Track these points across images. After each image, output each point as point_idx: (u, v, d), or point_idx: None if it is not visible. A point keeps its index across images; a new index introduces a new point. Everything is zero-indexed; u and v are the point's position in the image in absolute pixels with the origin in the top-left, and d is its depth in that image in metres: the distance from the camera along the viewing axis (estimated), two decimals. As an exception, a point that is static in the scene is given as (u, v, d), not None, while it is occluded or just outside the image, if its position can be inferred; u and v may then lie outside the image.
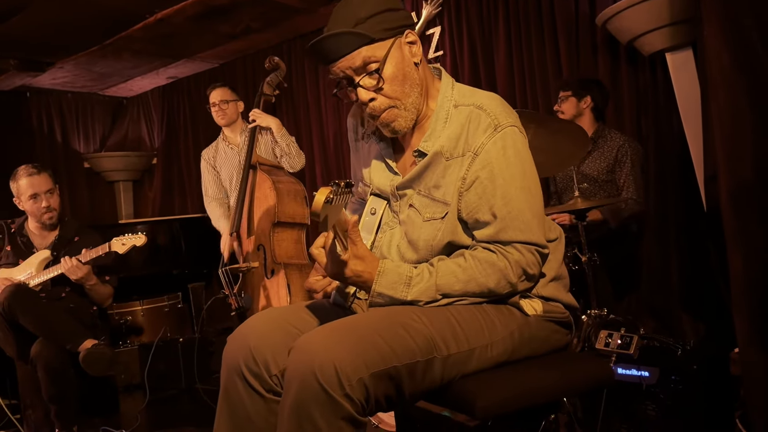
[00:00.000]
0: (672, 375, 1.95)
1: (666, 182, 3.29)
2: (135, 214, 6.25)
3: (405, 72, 1.47)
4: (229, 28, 4.42)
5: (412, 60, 1.49)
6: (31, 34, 4.20)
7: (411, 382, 1.33)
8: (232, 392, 1.52)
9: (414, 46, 1.49)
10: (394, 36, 1.46)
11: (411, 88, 1.49)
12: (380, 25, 1.43)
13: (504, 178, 1.43)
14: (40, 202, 3.15)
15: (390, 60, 1.45)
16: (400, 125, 1.52)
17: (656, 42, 2.96)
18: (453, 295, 1.42)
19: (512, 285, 1.42)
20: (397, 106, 1.49)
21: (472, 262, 1.42)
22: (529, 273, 1.42)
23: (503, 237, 1.42)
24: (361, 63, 1.45)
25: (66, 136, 6.00)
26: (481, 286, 1.41)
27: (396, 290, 1.42)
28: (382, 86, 1.47)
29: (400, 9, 1.49)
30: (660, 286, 3.30)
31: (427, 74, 1.55)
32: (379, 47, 1.44)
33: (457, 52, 4.02)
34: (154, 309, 4.76)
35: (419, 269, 1.44)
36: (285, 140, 3.74)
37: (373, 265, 1.43)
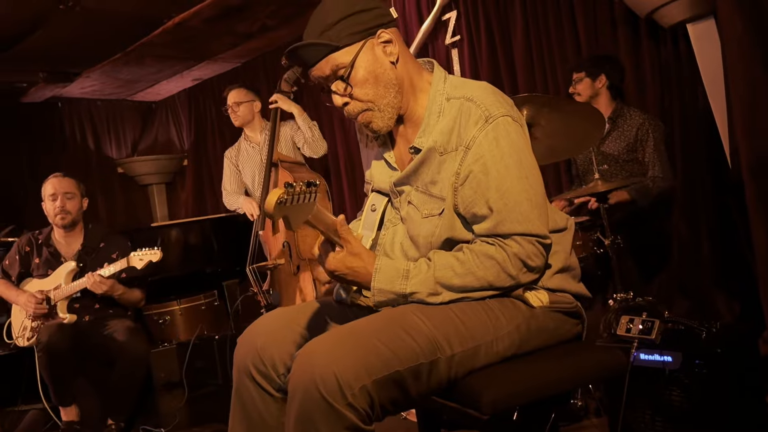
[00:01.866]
0: (696, 359, 1.89)
1: (693, 157, 3.18)
2: (169, 216, 6.38)
3: (377, 73, 1.46)
4: (246, 27, 4.45)
5: (387, 60, 1.47)
6: (54, 47, 4.32)
7: (416, 384, 1.33)
8: (243, 393, 1.55)
9: (389, 46, 1.47)
10: (363, 39, 1.44)
11: (386, 89, 1.48)
12: (348, 30, 1.42)
13: (498, 170, 1.39)
14: (56, 201, 3.26)
15: (359, 64, 1.44)
16: (378, 126, 1.51)
17: (676, 13, 2.86)
18: (453, 288, 1.40)
19: (513, 278, 1.39)
20: (371, 108, 1.49)
21: (470, 255, 1.40)
22: (531, 265, 1.39)
23: (501, 230, 1.39)
24: (329, 71, 1.45)
25: (98, 143, 6.16)
26: (480, 280, 1.39)
27: (394, 284, 1.41)
28: (351, 91, 1.46)
29: (374, 8, 1.46)
30: (692, 265, 3.21)
31: (412, 70, 1.52)
32: (346, 53, 1.44)
33: (474, 35, 3.96)
34: (192, 308, 4.85)
35: (416, 263, 1.43)
36: (307, 124, 3.76)
37: (369, 261, 1.43)
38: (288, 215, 1.25)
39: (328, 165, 4.93)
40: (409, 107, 1.53)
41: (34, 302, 3.13)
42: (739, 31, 1.81)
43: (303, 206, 1.26)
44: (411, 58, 1.54)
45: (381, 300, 1.43)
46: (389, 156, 1.62)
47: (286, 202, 1.22)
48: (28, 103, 5.64)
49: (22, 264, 3.34)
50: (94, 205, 6.09)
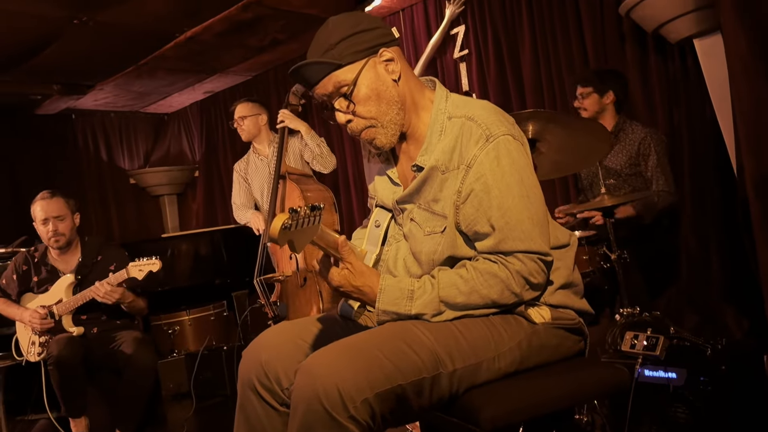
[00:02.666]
0: (700, 376, 1.88)
1: (702, 172, 3.18)
2: (180, 226, 6.43)
3: (379, 91, 1.48)
4: (256, 41, 4.50)
5: (389, 78, 1.49)
6: (68, 60, 4.39)
7: (418, 398, 1.34)
8: (247, 406, 1.57)
9: (391, 64, 1.49)
10: (366, 57, 1.47)
11: (388, 106, 1.50)
12: (350, 49, 1.45)
13: (500, 188, 1.41)
14: (48, 226, 3.25)
15: (361, 82, 1.47)
16: (381, 142, 1.53)
17: (682, 29, 2.86)
18: (457, 307, 1.41)
19: (516, 295, 1.40)
20: (374, 125, 1.51)
21: (474, 273, 1.41)
22: (533, 282, 1.40)
23: (504, 248, 1.40)
24: (333, 89, 1.48)
25: (111, 155, 6.23)
26: (484, 298, 1.40)
27: (399, 305, 1.42)
28: (354, 108, 1.49)
29: (376, 28, 1.49)
30: (701, 280, 3.19)
31: (414, 88, 1.54)
32: (349, 71, 1.46)
33: (482, 49, 3.99)
34: (201, 318, 4.89)
35: (420, 282, 1.44)
36: (315, 141, 3.78)
37: (372, 279, 1.44)
38: (292, 239, 1.27)
39: (337, 177, 4.95)
40: (411, 124, 1.55)
41: (38, 318, 3.15)
42: (743, 48, 1.81)
43: (307, 230, 1.28)
44: (413, 76, 1.56)
45: (384, 320, 1.45)
46: (392, 172, 1.63)
47: (291, 227, 1.24)
48: (43, 114, 5.73)
49: (20, 283, 3.34)
50: (107, 216, 6.17)
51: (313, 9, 3.98)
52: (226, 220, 5.95)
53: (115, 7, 3.65)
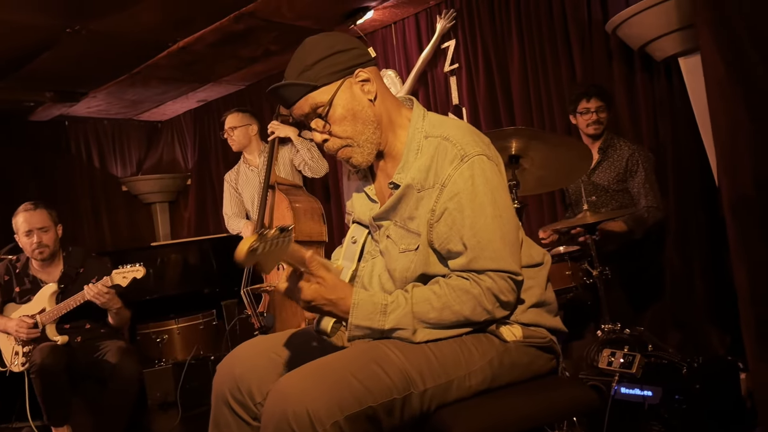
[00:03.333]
0: (675, 394, 1.89)
1: (686, 190, 3.20)
2: (171, 235, 6.43)
3: (355, 111, 1.50)
4: (249, 52, 4.52)
5: (364, 98, 1.51)
6: (61, 67, 4.39)
7: (389, 419, 1.34)
8: (220, 421, 1.57)
9: (367, 84, 1.51)
10: (341, 78, 1.48)
11: (364, 126, 1.51)
12: (326, 70, 1.46)
13: (472, 208, 1.42)
14: (32, 237, 3.23)
15: (337, 102, 1.48)
16: (357, 161, 1.54)
17: (667, 47, 2.89)
18: (430, 322, 1.42)
19: (488, 312, 1.41)
20: (350, 144, 1.52)
21: (447, 289, 1.42)
22: (503, 300, 1.41)
23: (475, 266, 1.42)
24: (309, 109, 1.49)
25: (104, 162, 6.24)
26: (456, 314, 1.41)
27: (373, 320, 1.42)
28: (330, 129, 1.50)
29: (353, 49, 1.50)
30: (684, 297, 3.21)
31: (390, 107, 1.56)
32: (324, 92, 1.47)
33: (472, 64, 4.02)
34: (190, 327, 4.88)
35: (393, 296, 1.45)
36: (305, 146, 3.80)
37: (345, 292, 1.44)
38: (260, 261, 1.27)
39: (328, 187, 4.97)
40: (388, 142, 1.57)
41: (25, 327, 3.13)
42: (721, 72, 1.83)
43: (276, 251, 1.27)
44: (389, 95, 1.58)
45: (357, 335, 1.45)
46: (370, 189, 1.65)
47: (258, 250, 1.23)
48: (36, 121, 5.73)
49: (3, 293, 3.33)
50: (99, 223, 6.16)
51: (305, 21, 4.00)
52: (218, 229, 5.95)
53: (108, 16, 3.66)
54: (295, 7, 3.77)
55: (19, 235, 3.28)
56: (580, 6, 3.50)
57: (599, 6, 3.43)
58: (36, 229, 3.24)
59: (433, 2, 4.13)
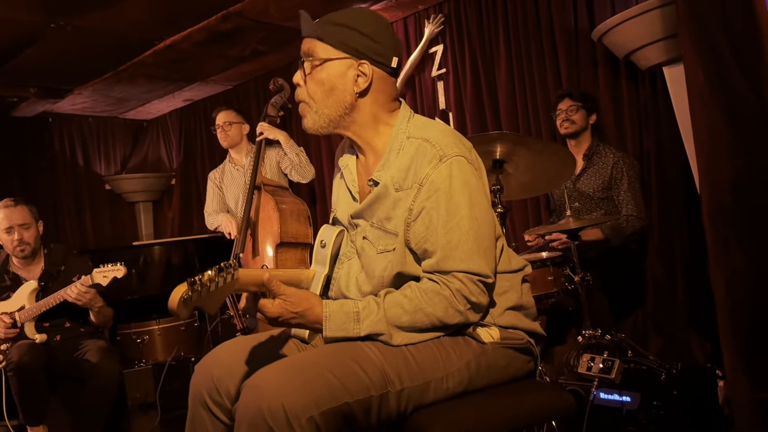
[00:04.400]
0: (654, 400, 1.91)
1: (669, 197, 3.23)
2: (155, 234, 6.37)
3: (334, 86, 1.51)
4: (237, 51, 4.51)
5: (351, 86, 1.51)
6: (46, 63, 4.36)
7: (366, 417, 1.34)
8: (197, 421, 1.56)
9: (361, 78, 1.51)
10: (348, 54, 1.50)
11: (334, 103, 1.52)
12: (339, 36, 1.49)
13: (447, 207, 1.42)
14: (13, 234, 3.19)
15: (327, 66, 1.51)
16: (308, 123, 1.57)
17: (652, 56, 2.92)
18: (403, 327, 1.41)
19: (461, 313, 1.41)
20: (310, 105, 1.54)
21: (418, 292, 1.42)
22: (473, 301, 1.41)
23: (444, 266, 1.42)
24: (306, 49, 1.53)
25: (87, 160, 6.18)
26: (429, 316, 1.40)
27: (348, 329, 1.41)
28: (306, 80, 1.53)
29: (378, 43, 1.51)
30: (666, 304, 3.23)
31: (379, 108, 1.55)
32: (325, 50, 1.50)
33: (460, 69, 4.04)
34: (171, 328, 4.83)
35: (364, 302, 1.44)
36: (294, 150, 3.81)
37: (313, 302, 1.41)
38: (199, 306, 1.24)
39: (314, 189, 4.96)
40: (370, 139, 1.57)
41: (2, 327, 3.08)
42: (701, 80, 1.86)
43: (216, 292, 1.24)
44: (386, 100, 1.56)
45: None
46: (353, 186, 1.65)
47: (191, 299, 1.20)
48: (19, 117, 5.67)
49: None
50: (82, 221, 6.10)
51: (292, 22, 3.99)
52: (202, 229, 5.90)
53: (94, 12, 3.63)
54: (283, 8, 3.77)
55: None
56: (566, 14, 3.52)
57: (586, 14, 3.46)
58: (17, 226, 3.20)
59: (421, 7, 4.14)
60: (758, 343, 1.82)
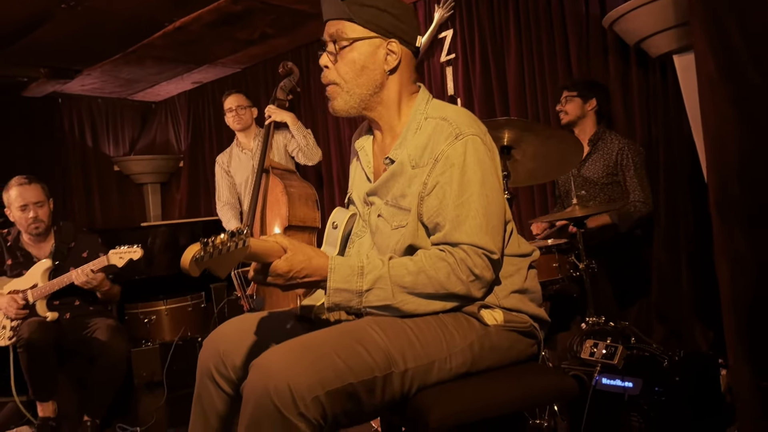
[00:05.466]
0: (655, 386, 1.92)
1: (676, 186, 3.22)
2: (163, 216, 6.41)
3: (366, 65, 1.54)
4: (246, 34, 4.50)
5: (382, 65, 1.55)
6: (56, 43, 4.36)
7: (370, 397, 1.36)
8: (204, 394, 1.60)
9: (392, 56, 1.55)
10: (378, 33, 1.53)
11: (365, 83, 1.55)
12: (368, 16, 1.51)
13: (460, 183, 1.45)
14: (28, 212, 3.22)
15: (358, 46, 1.52)
16: (338, 105, 1.57)
17: (662, 44, 2.90)
18: (406, 287, 1.42)
19: (463, 283, 1.42)
20: (341, 86, 1.56)
21: (423, 256, 1.45)
22: (476, 273, 1.42)
23: (450, 239, 1.44)
24: (334, 31, 1.54)
25: (96, 140, 6.21)
26: (431, 279, 1.42)
27: (351, 282, 1.42)
28: (337, 60, 1.54)
29: (405, 23, 1.55)
30: (670, 293, 3.24)
31: (403, 87, 1.59)
32: (354, 29, 1.52)
33: (469, 55, 4.02)
34: (178, 308, 4.88)
35: (369, 259, 1.46)
36: (301, 132, 3.82)
37: (318, 253, 1.44)
38: (209, 268, 1.26)
39: (321, 173, 4.97)
40: (391, 120, 1.60)
41: (15, 306, 3.12)
42: (711, 68, 1.85)
43: (227, 256, 1.25)
44: (409, 81, 1.61)
45: (336, 300, 1.43)
46: (368, 167, 1.67)
47: (203, 258, 1.22)
48: (29, 97, 5.69)
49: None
50: (90, 201, 6.14)
51: (302, 5, 3.99)
52: (209, 212, 5.95)
53: (104, -7, 3.65)
54: (294, -10, 3.77)
55: (12, 209, 3.25)
56: (578, 0, 3.50)
57: (597, 1, 3.44)
58: (31, 203, 3.23)
59: (431, -9, 4.13)
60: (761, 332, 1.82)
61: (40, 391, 3.08)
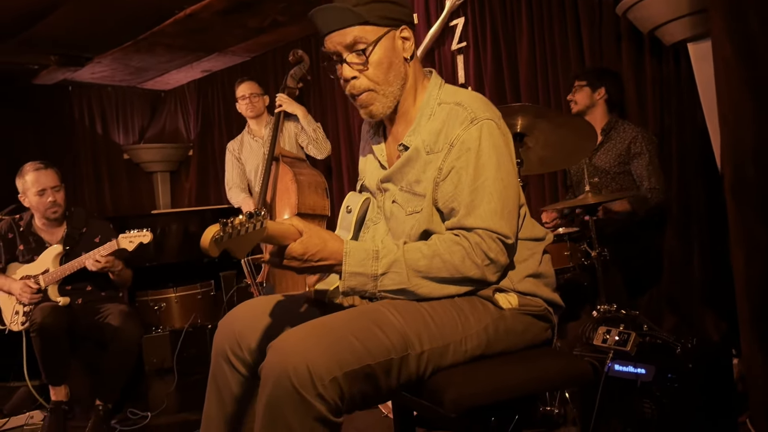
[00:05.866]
0: (668, 373, 1.92)
1: (689, 175, 3.20)
2: (172, 204, 6.44)
3: (391, 61, 1.53)
4: (257, 22, 4.50)
5: (402, 54, 1.55)
6: (67, 30, 4.38)
7: (386, 379, 1.37)
8: (218, 375, 1.61)
9: (407, 42, 1.55)
10: (389, 26, 1.52)
11: (394, 79, 1.54)
12: (379, 12, 1.49)
13: (476, 167, 1.45)
14: (47, 197, 3.23)
15: (380, 46, 1.51)
16: (377, 109, 1.56)
17: (677, 32, 2.88)
18: (420, 271, 1.43)
19: (478, 267, 1.43)
20: (376, 91, 1.54)
21: (437, 240, 1.46)
22: (491, 257, 1.43)
23: (465, 223, 1.45)
24: (351, 40, 1.50)
25: (106, 129, 6.23)
26: (446, 263, 1.43)
27: (366, 266, 1.43)
28: (366, 67, 1.52)
29: (405, 6, 1.55)
30: (682, 282, 3.22)
31: (418, 72, 1.60)
32: (372, 31, 1.50)
33: (480, 43, 4.00)
34: (187, 296, 4.92)
35: (384, 243, 1.47)
36: (311, 126, 3.82)
37: (333, 237, 1.45)
38: (229, 248, 1.28)
39: (330, 163, 4.97)
40: (406, 105, 1.60)
41: (29, 291, 3.14)
42: (728, 53, 1.83)
43: (245, 237, 1.27)
44: (419, 62, 1.62)
45: (352, 284, 1.44)
46: (381, 154, 1.67)
47: (222, 239, 1.24)
48: (40, 85, 5.71)
49: (6, 250, 3.32)
50: (100, 189, 6.17)
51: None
52: (219, 200, 5.97)
53: (115, -21, 3.65)
54: (305, -22, 3.76)
55: (29, 194, 3.25)
56: (591, -13, 3.48)
57: (610, -12, 3.41)
58: (49, 188, 3.24)
59: (443, -21, 4.10)
60: (775, 320, 1.82)
61: (52, 376, 3.10)
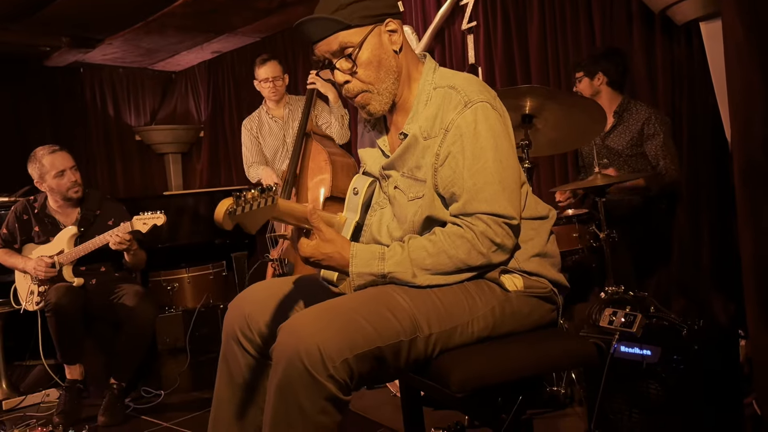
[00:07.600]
0: (674, 355, 1.93)
1: (699, 156, 3.19)
2: (183, 186, 6.48)
3: (381, 58, 1.52)
4: (265, 3, 4.50)
5: (390, 47, 1.54)
6: (78, 12, 4.39)
7: (395, 360, 1.40)
8: (229, 357, 1.64)
9: (394, 35, 1.54)
10: (373, 23, 1.51)
11: (386, 74, 1.54)
12: (359, 12, 1.48)
13: (473, 151, 1.45)
14: (67, 178, 3.25)
15: (366, 46, 1.50)
16: (375, 108, 1.57)
17: (689, 11, 2.85)
18: (427, 268, 1.45)
19: (484, 255, 1.44)
20: (371, 91, 1.55)
21: (441, 236, 1.46)
22: (498, 242, 1.44)
23: (469, 209, 1.45)
24: (337, 47, 1.51)
25: (118, 110, 6.26)
26: (452, 258, 1.44)
27: (372, 266, 1.46)
28: (356, 70, 1.52)
29: None
30: (690, 264, 3.22)
31: (410, 61, 1.59)
32: (356, 33, 1.49)
33: (491, 23, 3.97)
34: (200, 276, 4.97)
35: (390, 246, 1.49)
36: (339, 111, 3.75)
37: (343, 246, 1.48)
38: (242, 222, 1.29)
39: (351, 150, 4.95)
40: (403, 96, 1.60)
41: (44, 266, 3.17)
42: (739, 36, 1.81)
43: (258, 212, 1.29)
44: (410, 50, 1.61)
45: (361, 284, 1.49)
46: (383, 143, 1.68)
47: (236, 212, 1.25)
48: (52, 66, 5.74)
49: (22, 231, 3.35)
50: (113, 171, 6.22)
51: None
52: (230, 181, 6.00)
53: (125, -40, 3.65)
54: (314, -42, 3.72)
55: (47, 178, 3.24)
56: (602, -34, 3.43)
57: (622, -33, 3.37)
58: (68, 168, 3.27)
59: (454, -43, 4.06)
60: (783, 301, 1.82)
61: (67, 355, 3.16)
